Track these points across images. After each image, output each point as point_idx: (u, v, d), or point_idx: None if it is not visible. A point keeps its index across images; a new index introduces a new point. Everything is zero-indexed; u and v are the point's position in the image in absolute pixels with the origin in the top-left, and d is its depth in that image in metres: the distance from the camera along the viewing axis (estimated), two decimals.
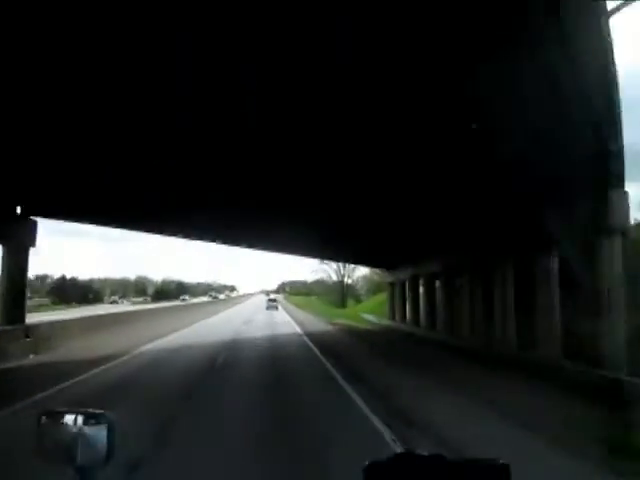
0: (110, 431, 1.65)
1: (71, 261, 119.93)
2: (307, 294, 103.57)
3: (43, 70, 8.18)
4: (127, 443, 2.57)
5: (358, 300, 62.14)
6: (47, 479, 2.59)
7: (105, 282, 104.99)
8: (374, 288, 54.83)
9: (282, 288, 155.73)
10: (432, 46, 7.20)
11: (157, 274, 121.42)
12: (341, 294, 64.84)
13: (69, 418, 1.67)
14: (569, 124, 8.88)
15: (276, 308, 58.60)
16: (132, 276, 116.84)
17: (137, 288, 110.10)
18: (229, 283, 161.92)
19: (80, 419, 1.66)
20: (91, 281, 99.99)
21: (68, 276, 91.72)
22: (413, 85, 8.27)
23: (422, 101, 8.83)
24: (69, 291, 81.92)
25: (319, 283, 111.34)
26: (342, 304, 61.01)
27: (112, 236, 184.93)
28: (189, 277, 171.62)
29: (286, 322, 36.49)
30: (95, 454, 1.63)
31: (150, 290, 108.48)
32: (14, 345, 15.10)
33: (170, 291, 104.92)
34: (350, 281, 68.58)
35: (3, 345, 14.56)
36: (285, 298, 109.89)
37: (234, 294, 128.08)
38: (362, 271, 62.12)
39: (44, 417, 1.70)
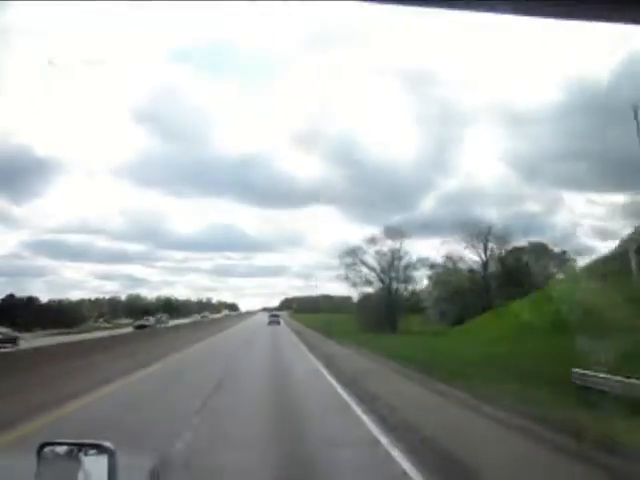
0: (111, 461, 1.65)
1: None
2: (315, 311, 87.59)
3: None
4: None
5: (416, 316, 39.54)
6: None
7: (94, 303, 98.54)
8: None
9: (285, 305, 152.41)
10: None
11: (152, 292, 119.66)
12: (387, 309, 38.85)
13: (69, 449, 1.70)
14: None
15: (278, 323, 60.12)
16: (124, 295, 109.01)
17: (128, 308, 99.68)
18: (229, 301, 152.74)
19: (80, 449, 1.68)
20: (82, 302, 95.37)
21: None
22: None
23: None
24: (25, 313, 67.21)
25: (326, 298, 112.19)
26: (389, 325, 37.78)
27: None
28: (185, 294, 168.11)
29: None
30: None
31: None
32: None
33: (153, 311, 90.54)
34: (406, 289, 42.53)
35: None
36: (290, 316, 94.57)
37: (222, 314, 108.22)
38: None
39: (44, 448, 1.71)
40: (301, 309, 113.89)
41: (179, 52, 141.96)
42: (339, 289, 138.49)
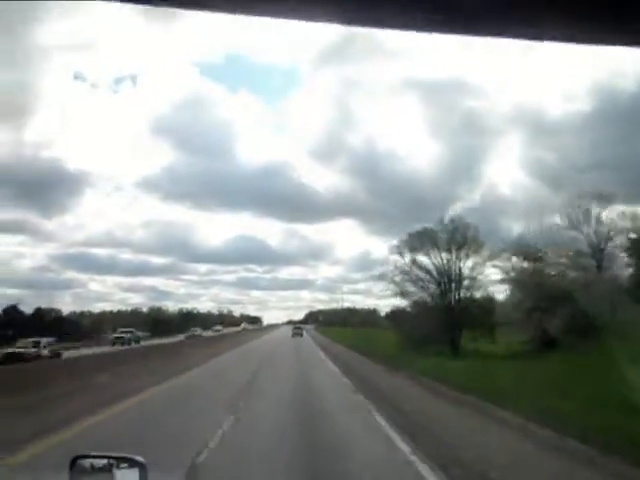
0: (142, 474, 1.67)
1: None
2: (341, 324, 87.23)
3: None
4: None
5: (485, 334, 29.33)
6: None
7: (116, 314, 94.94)
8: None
9: (311, 318, 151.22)
10: None
11: (176, 305, 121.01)
12: (445, 323, 28.70)
13: (101, 462, 1.72)
14: None
15: (301, 335, 62.67)
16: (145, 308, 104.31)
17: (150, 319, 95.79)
18: (252, 314, 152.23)
19: (113, 462, 1.70)
20: (102, 314, 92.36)
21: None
22: None
23: None
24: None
25: (353, 312, 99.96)
26: (448, 344, 27.61)
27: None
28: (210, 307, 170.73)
29: None
30: None
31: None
32: None
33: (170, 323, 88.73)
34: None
35: None
36: (317, 330, 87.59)
37: (241, 327, 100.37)
38: None
39: (78, 460, 1.74)
40: (327, 322, 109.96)
41: (203, 66, 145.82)
42: (363, 301, 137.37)
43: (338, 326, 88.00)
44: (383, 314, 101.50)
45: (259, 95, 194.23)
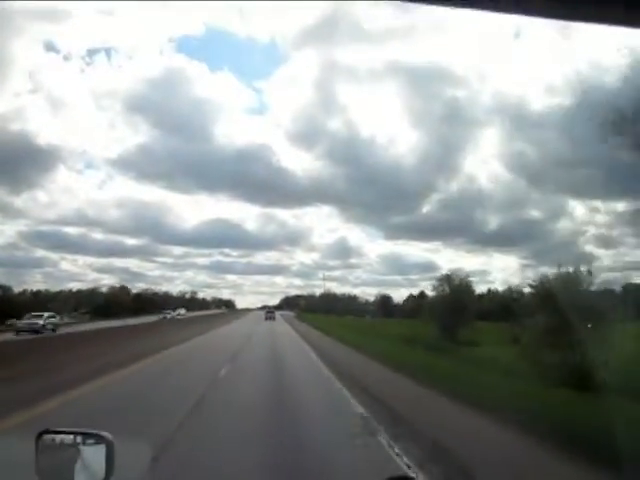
0: (109, 451, 1.66)
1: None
2: (324, 312, 79.58)
3: None
4: None
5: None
6: None
7: (74, 294, 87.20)
8: None
9: (286, 303, 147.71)
10: None
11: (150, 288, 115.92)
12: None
13: (68, 438, 1.69)
14: None
15: (273, 319, 63.98)
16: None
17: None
18: (227, 298, 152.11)
19: (79, 439, 1.68)
20: (60, 293, 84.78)
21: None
22: None
23: None
24: None
25: (333, 299, 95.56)
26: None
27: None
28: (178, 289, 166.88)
29: None
30: (94, 474, 1.64)
31: None
32: None
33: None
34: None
35: None
36: (298, 318, 75.15)
37: (202, 313, 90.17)
38: None
39: (43, 436, 1.71)
40: (308, 309, 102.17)
41: (180, 42, 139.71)
42: (339, 289, 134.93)
43: (320, 313, 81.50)
44: (364, 301, 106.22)
45: (238, 74, 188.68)
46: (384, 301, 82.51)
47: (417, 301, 59.62)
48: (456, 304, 26.34)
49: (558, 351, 13.80)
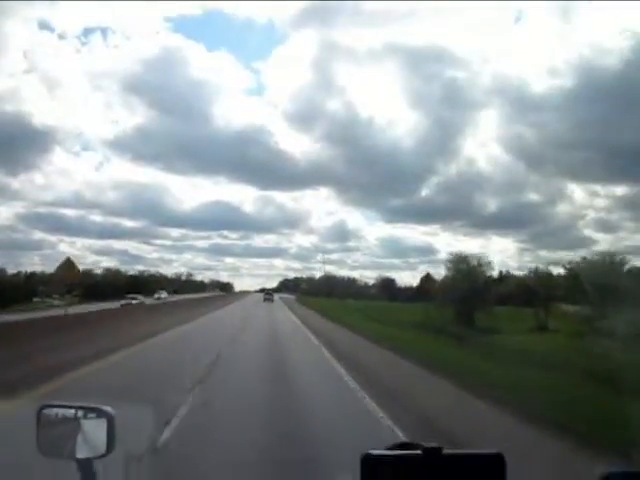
0: (110, 425, 1.65)
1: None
2: (325, 295, 75.96)
3: None
4: None
5: None
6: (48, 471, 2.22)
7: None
8: None
9: (284, 286, 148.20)
10: None
11: (148, 270, 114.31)
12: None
13: (69, 412, 1.69)
14: None
15: (272, 301, 64.44)
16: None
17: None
18: (225, 280, 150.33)
19: (80, 413, 1.68)
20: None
21: None
22: None
23: None
24: None
25: (333, 281, 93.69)
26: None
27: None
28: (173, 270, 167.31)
29: None
30: (95, 447, 1.64)
31: None
32: None
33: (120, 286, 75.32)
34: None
35: None
36: (300, 302, 69.37)
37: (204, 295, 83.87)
38: None
39: (44, 410, 1.70)
40: (308, 292, 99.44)
41: (177, 21, 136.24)
42: (337, 272, 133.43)
43: (321, 297, 77.54)
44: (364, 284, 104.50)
45: (236, 54, 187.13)
46: (387, 284, 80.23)
47: (425, 284, 57.43)
48: (473, 287, 24.21)
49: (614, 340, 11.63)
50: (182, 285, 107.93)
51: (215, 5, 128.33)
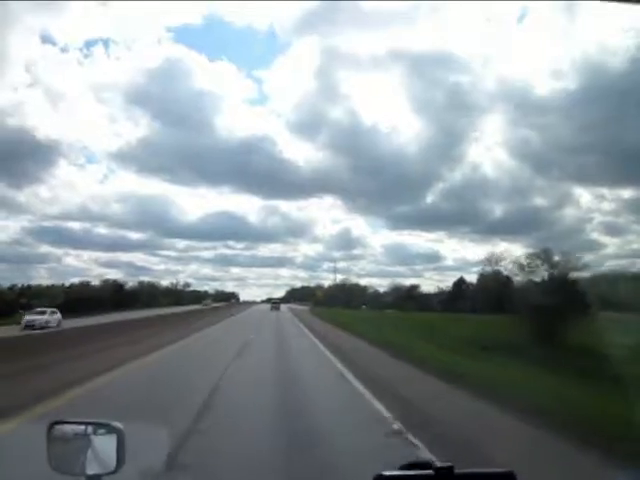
0: (119, 440, 1.66)
1: None
2: (345, 305, 71.86)
3: None
4: None
5: None
6: None
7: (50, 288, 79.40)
8: None
9: (292, 296, 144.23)
10: None
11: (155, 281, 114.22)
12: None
13: (79, 428, 1.71)
14: None
15: (278, 309, 64.83)
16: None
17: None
18: (231, 290, 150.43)
19: (90, 429, 1.69)
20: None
21: None
22: None
23: None
24: None
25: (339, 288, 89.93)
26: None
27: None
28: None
29: None
30: (105, 463, 1.65)
31: None
32: None
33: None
34: None
35: None
36: (313, 313, 58.21)
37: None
38: None
39: (54, 427, 1.72)
40: (320, 302, 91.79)
41: (179, 32, 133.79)
42: (345, 280, 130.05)
43: (334, 306, 72.42)
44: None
45: (238, 64, 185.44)
46: (410, 291, 74.53)
47: (457, 290, 52.07)
48: (564, 291, 19.11)
49: None
50: (178, 296, 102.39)
51: (216, 14, 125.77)
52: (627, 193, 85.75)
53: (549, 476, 5.53)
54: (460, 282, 60.34)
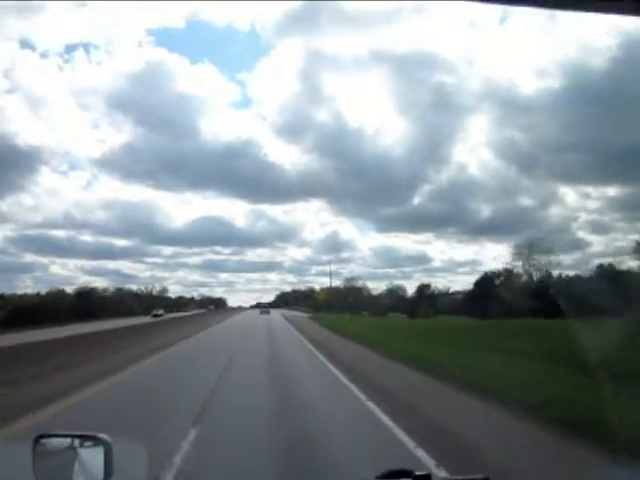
0: (107, 453, 1.62)
1: None
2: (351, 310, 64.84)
3: None
4: None
5: None
6: None
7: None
8: None
9: (282, 300, 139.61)
10: None
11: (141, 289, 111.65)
12: None
13: (65, 441, 1.67)
14: None
15: (268, 313, 64.43)
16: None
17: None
18: (219, 296, 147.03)
19: (77, 442, 1.65)
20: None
21: None
22: None
23: None
24: None
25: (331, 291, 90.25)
26: None
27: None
28: (177, 291, 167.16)
29: None
30: (92, 476, 1.61)
31: None
32: None
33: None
34: None
35: None
36: (316, 320, 50.42)
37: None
38: None
39: (40, 440, 1.68)
40: (314, 307, 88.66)
41: (160, 35, 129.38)
42: (334, 283, 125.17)
43: (329, 311, 68.26)
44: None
45: (221, 67, 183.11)
46: (421, 292, 67.34)
47: (480, 290, 46.04)
48: None
49: None
50: (157, 302, 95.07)
51: (197, 16, 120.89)
52: (612, 191, 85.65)
53: None
54: (486, 279, 53.38)
